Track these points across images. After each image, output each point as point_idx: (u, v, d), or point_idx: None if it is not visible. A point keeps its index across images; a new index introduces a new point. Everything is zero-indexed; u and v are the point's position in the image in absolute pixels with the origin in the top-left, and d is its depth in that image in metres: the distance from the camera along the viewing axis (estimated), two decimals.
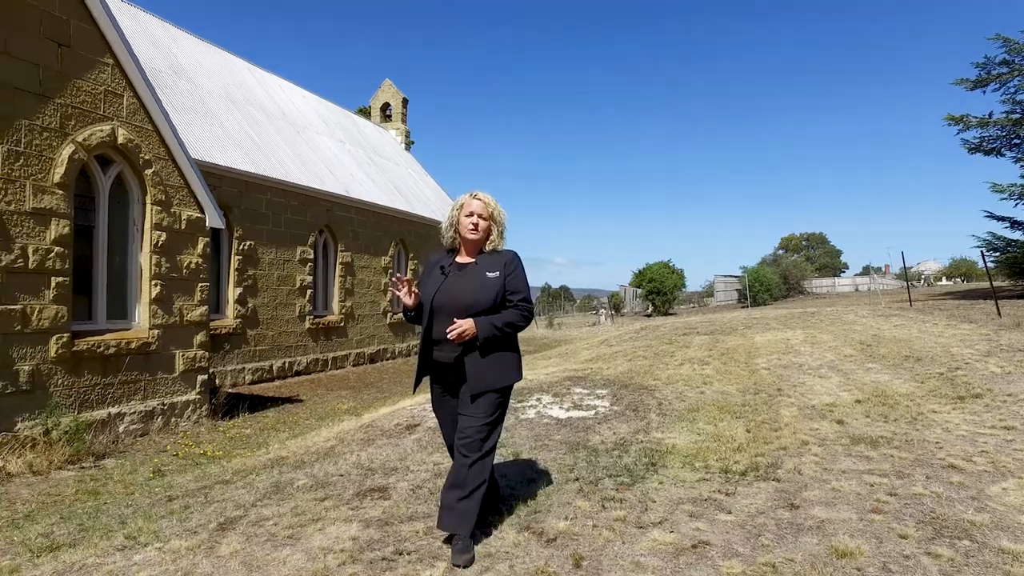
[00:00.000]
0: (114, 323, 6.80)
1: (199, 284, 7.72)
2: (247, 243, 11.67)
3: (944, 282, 60.70)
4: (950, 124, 19.11)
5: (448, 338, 2.73)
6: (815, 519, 3.05)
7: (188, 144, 8.90)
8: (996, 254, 18.87)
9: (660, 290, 35.00)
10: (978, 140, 18.96)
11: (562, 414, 5.64)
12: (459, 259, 2.96)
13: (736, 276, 40.10)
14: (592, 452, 4.40)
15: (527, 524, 3.10)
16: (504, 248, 2.98)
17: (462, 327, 2.72)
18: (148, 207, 7.10)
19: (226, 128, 12.27)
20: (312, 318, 13.31)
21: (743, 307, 32.33)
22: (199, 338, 7.68)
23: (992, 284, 14.38)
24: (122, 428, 6.58)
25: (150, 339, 6.99)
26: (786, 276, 40.37)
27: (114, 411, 6.51)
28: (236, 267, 11.44)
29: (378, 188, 16.88)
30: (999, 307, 12.22)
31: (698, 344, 10.26)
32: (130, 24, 11.87)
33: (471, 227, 2.89)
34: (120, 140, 6.69)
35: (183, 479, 4.83)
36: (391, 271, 16.21)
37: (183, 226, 7.52)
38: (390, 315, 16.13)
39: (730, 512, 3.18)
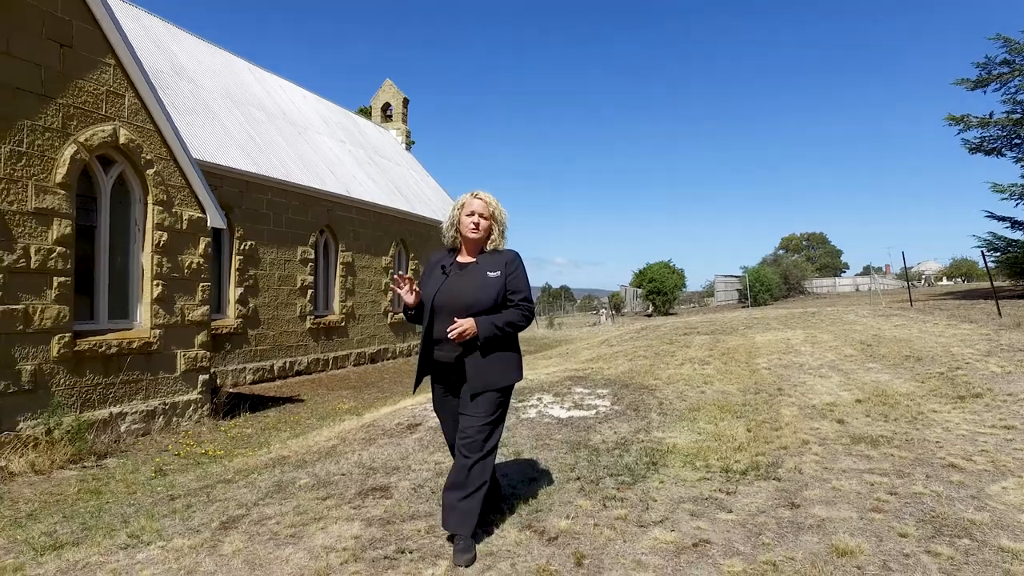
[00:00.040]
0: (116, 323, 6.81)
1: (200, 284, 7.73)
2: (248, 243, 11.69)
3: (945, 282, 60.68)
4: (951, 124, 19.13)
5: (449, 337, 2.74)
6: (816, 518, 3.06)
7: (189, 144, 8.91)
8: (997, 254, 18.88)
9: (660, 290, 35.00)
10: (979, 140, 18.99)
11: (563, 414, 5.64)
12: (460, 258, 2.97)
13: (736, 276, 40.11)
14: (593, 451, 4.41)
15: (529, 523, 3.11)
16: (505, 248, 2.98)
17: (463, 326, 2.72)
18: (150, 207, 7.11)
19: (227, 128, 12.29)
20: (313, 318, 13.32)
21: (743, 307, 32.32)
22: (200, 338, 7.70)
23: (992, 284, 14.40)
24: (124, 428, 6.59)
25: (151, 339, 7.00)
26: (786, 276, 40.36)
27: (116, 411, 6.53)
28: (237, 267, 11.46)
29: (379, 188, 16.90)
30: (999, 307, 12.22)
31: (699, 344, 10.26)
32: (133, 26, 11.89)
33: (472, 226, 2.89)
34: (122, 140, 6.70)
35: (185, 478, 4.84)
36: (392, 271, 16.23)
37: (184, 226, 7.53)
38: (391, 315, 16.14)
39: (731, 511, 3.19)
